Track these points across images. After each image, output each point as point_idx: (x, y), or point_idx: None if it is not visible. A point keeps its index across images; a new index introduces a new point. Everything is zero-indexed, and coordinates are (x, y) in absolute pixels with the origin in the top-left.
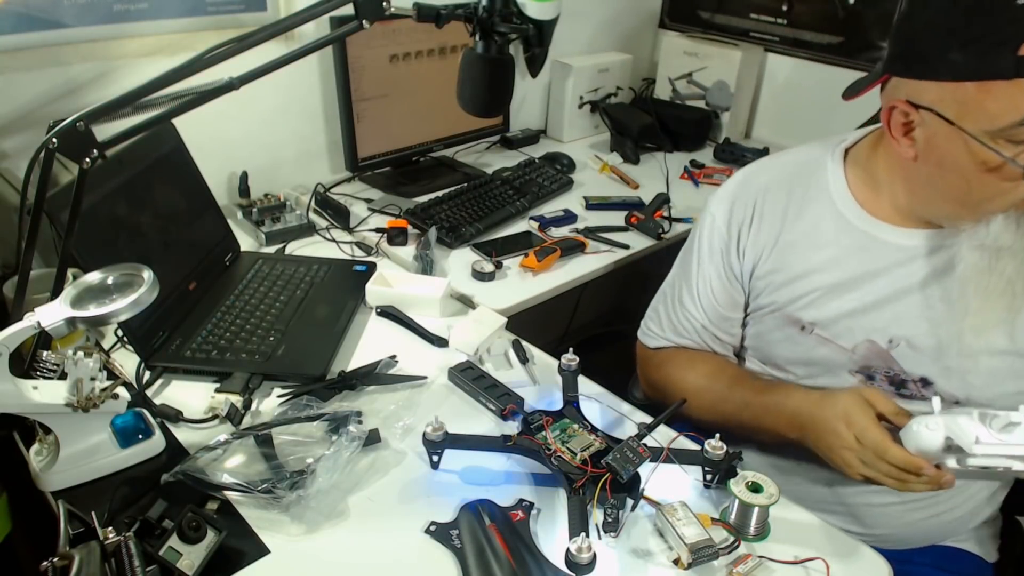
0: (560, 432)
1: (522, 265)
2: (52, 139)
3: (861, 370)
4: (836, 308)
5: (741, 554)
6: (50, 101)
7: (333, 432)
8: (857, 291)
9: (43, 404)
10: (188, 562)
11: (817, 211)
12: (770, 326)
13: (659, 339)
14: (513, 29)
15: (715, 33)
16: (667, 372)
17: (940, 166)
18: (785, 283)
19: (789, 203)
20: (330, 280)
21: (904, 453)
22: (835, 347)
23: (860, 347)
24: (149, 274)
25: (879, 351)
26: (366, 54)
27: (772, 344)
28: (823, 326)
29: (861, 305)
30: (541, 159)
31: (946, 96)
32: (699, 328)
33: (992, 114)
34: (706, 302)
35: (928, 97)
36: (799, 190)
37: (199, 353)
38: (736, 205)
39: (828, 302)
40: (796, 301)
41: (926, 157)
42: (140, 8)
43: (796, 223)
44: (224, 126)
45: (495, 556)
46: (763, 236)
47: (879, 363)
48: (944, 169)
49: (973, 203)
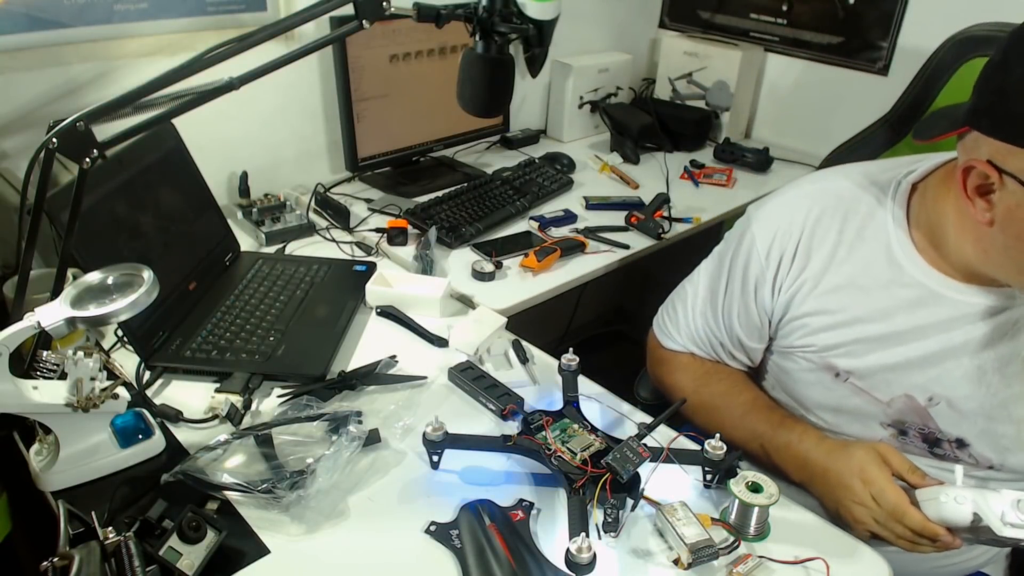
0: (560, 432)
1: (522, 265)
2: (52, 139)
3: (894, 424)
4: (877, 360)
5: (741, 554)
6: (50, 101)
7: (333, 432)
8: (904, 346)
9: (43, 404)
10: (188, 562)
11: (870, 253)
12: (802, 366)
13: (674, 342)
14: (513, 29)
15: (715, 33)
16: (678, 379)
17: (1019, 239)
18: (825, 328)
19: (840, 241)
20: (330, 280)
21: (922, 519)
22: (870, 398)
23: (897, 401)
24: (149, 274)
25: (916, 407)
26: (366, 54)
27: (801, 385)
28: (860, 376)
29: (905, 360)
30: (541, 159)
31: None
32: (715, 344)
33: None
34: (726, 324)
35: (1015, 164)
36: (852, 226)
37: (199, 353)
38: (780, 234)
39: (870, 353)
40: (835, 348)
41: (1004, 226)
42: (140, 8)
43: (845, 264)
44: (224, 126)
45: (495, 556)
46: (806, 274)
47: (915, 419)
48: (1016, 240)
49: None
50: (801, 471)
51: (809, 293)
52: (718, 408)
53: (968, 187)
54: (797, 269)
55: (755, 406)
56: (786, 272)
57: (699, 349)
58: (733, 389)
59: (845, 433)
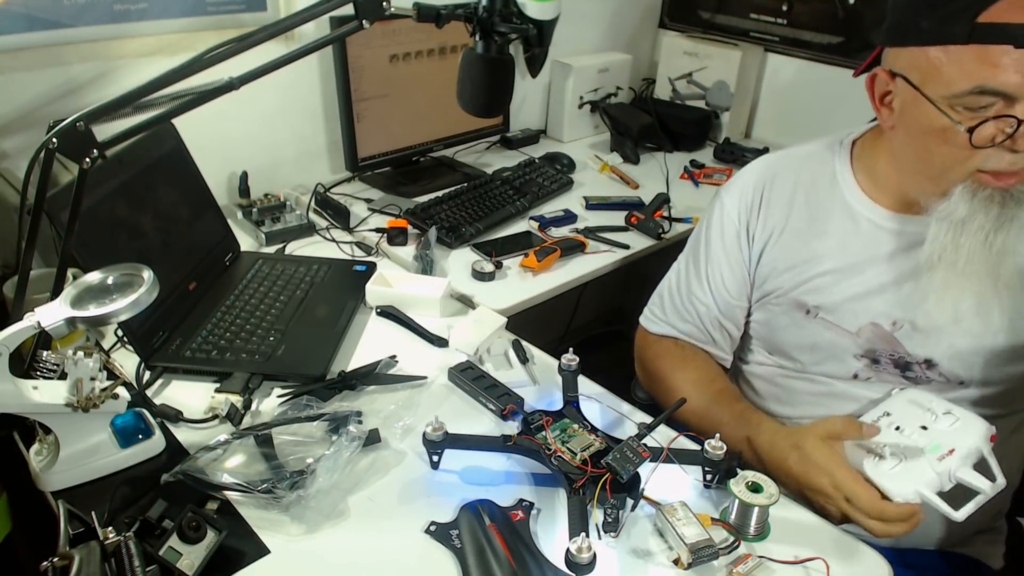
0: (560, 432)
1: (522, 265)
2: (52, 139)
3: (866, 354)
4: (840, 292)
5: (741, 554)
6: (50, 101)
7: (333, 432)
8: (861, 276)
9: (43, 404)
10: (188, 562)
11: (823, 199)
12: (776, 312)
13: (662, 324)
14: (513, 29)
15: (715, 33)
16: (660, 366)
17: (909, 133)
18: (790, 268)
19: (796, 191)
20: (330, 280)
21: (898, 508)
22: (840, 331)
23: (864, 330)
24: (149, 274)
25: (883, 334)
26: (366, 54)
27: (778, 331)
28: (828, 310)
29: (864, 289)
30: (541, 159)
31: (913, 62)
32: (704, 314)
33: (948, 80)
34: (716, 287)
35: (900, 64)
36: (807, 178)
37: (199, 353)
38: (745, 192)
39: (832, 286)
40: (801, 286)
41: (900, 125)
42: (140, 8)
43: (803, 210)
44: (224, 126)
45: (495, 556)
46: (771, 222)
47: (884, 346)
48: (912, 137)
49: (936, 174)
50: (760, 463)
51: (777, 239)
52: (690, 395)
53: (876, 96)
54: (763, 218)
55: (722, 397)
56: (755, 222)
57: (687, 325)
58: (705, 377)
59: (823, 371)
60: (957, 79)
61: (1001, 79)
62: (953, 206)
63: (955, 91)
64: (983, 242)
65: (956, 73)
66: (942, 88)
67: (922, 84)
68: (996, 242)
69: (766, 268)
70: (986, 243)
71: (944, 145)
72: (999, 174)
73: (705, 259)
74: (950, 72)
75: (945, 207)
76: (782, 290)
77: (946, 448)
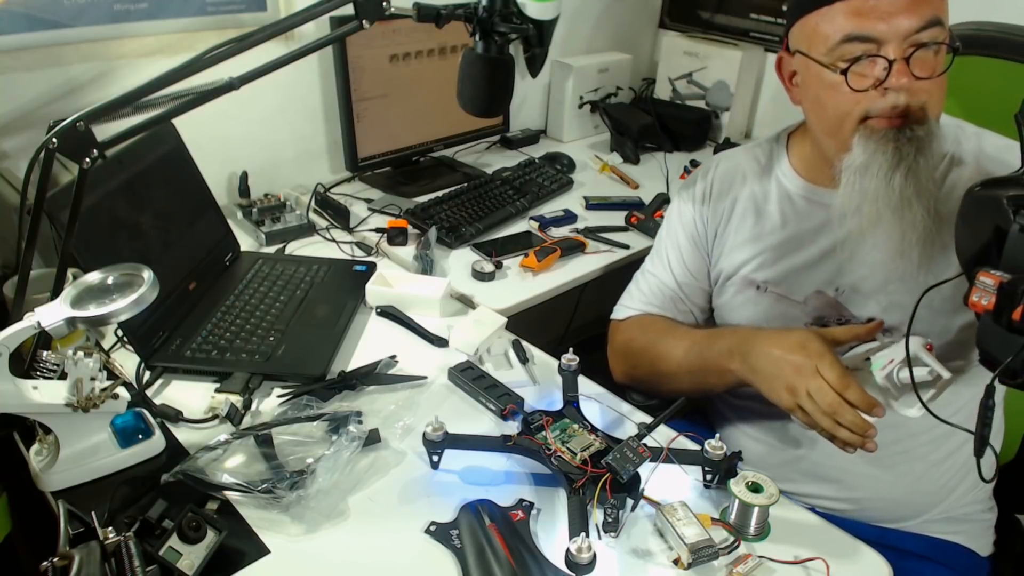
0: (560, 432)
1: (522, 265)
2: (52, 139)
3: (815, 321)
4: (784, 265)
5: (741, 554)
6: (50, 101)
7: (333, 432)
8: (801, 248)
9: (43, 404)
10: (188, 562)
11: (764, 183)
12: (731, 292)
13: (627, 310)
14: (513, 29)
15: (715, 33)
16: (631, 335)
17: (808, 99)
18: (737, 247)
19: (740, 178)
20: (330, 280)
21: (862, 392)
22: (789, 302)
23: (811, 299)
24: (149, 274)
25: (829, 300)
26: (366, 54)
27: (735, 309)
28: (775, 283)
29: (805, 260)
30: (541, 159)
31: (801, 34)
32: (663, 288)
33: (825, 36)
34: (675, 263)
35: (794, 41)
36: (751, 167)
37: (199, 353)
38: (698, 184)
39: (777, 261)
40: (750, 262)
41: (803, 96)
42: (140, 8)
43: (746, 196)
44: (224, 126)
45: (495, 556)
46: (721, 207)
47: (831, 312)
48: (811, 101)
49: (833, 127)
50: (733, 353)
51: (727, 223)
52: (663, 336)
53: (785, 78)
54: (713, 203)
55: (693, 330)
56: (708, 207)
57: (649, 305)
58: (675, 324)
59: None
60: (832, 34)
61: (866, 26)
62: (854, 156)
63: (831, 44)
64: (885, 183)
65: (830, 29)
66: (822, 46)
67: (809, 49)
68: (895, 180)
69: (718, 249)
70: (888, 183)
71: (833, 97)
72: (886, 117)
73: (668, 246)
74: (825, 30)
75: (848, 158)
76: (733, 267)
77: (887, 359)
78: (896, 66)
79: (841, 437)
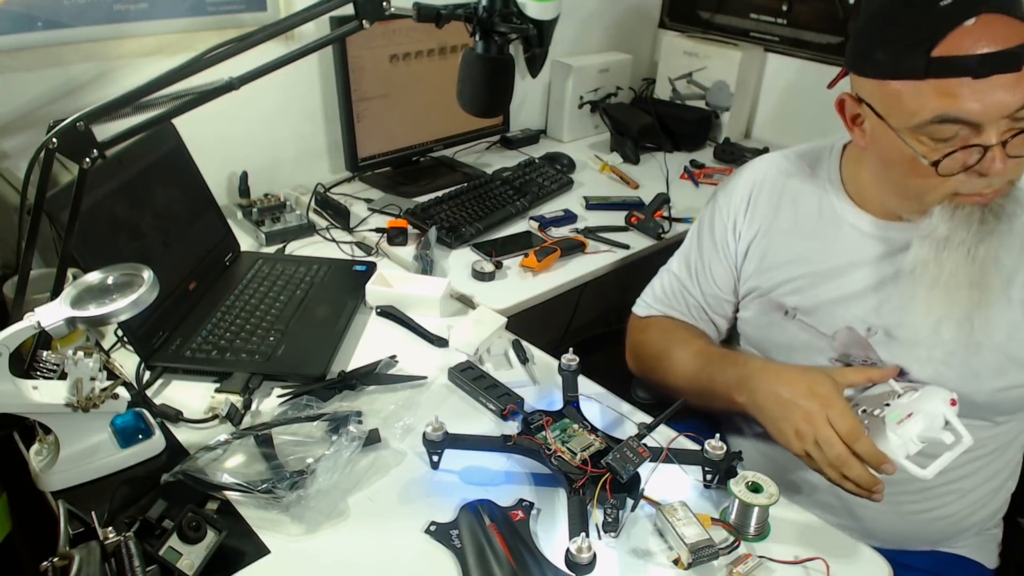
0: (560, 432)
1: (522, 265)
2: (52, 139)
3: (840, 358)
4: (819, 295)
5: (741, 554)
6: (50, 101)
7: (333, 432)
8: (839, 280)
9: (43, 404)
10: (188, 562)
11: (810, 201)
12: (757, 311)
13: (650, 308)
14: (513, 29)
15: (715, 33)
16: (650, 336)
17: (881, 158)
18: (771, 268)
19: (784, 191)
20: (330, 280)
21: (872, 447)
22: (816, 333)
23: (840, 334)
24: (149, 274)
25: (858, 339)
26: (366, 54)
27: (759, 329)
28: (805, 312)
29: (842, 294)
30: (541, 159)
31: (876, 92)
32: (691, 303)
33: (910, 112)
34: (704, 280)
35: (865, 91)
36: (796, 180)
37: (199, 353)
38: (736, 191)
39: (811, 288)
40: (781, 286)
41: (872, 148)
42: (140, 8)
43: (789, 211)
44: (224, 126)
45: (495, 556)
46: (757, 221)
47: (858, 351)
48: (884, 162)
49: (912, 196)
50: (742, 387)
51: (763, 238)
52: (677, 347)
53: (847, 118)
54: (751, 216)
55: (708, 347)
56: (743, 219)
57: (673, 311)
58: (692, 336)
59: None
60: (919, 110)
61: (963, 108)
62: (934, 225)
63: (918, 121)
64: (965, 256)
65: (917, 105)
66: (905, 119)
67: (886, 114)
68: (979, 255)
69: (750, 265)
70: (968, 256)
71: (915, 174)
72: (977, 194)
73: (697, 254)
74: (911, 104)
75: (927, 225)
76: (762, 289)
77: (904, 413)
78: (994, 152)
79: (847, 489)
